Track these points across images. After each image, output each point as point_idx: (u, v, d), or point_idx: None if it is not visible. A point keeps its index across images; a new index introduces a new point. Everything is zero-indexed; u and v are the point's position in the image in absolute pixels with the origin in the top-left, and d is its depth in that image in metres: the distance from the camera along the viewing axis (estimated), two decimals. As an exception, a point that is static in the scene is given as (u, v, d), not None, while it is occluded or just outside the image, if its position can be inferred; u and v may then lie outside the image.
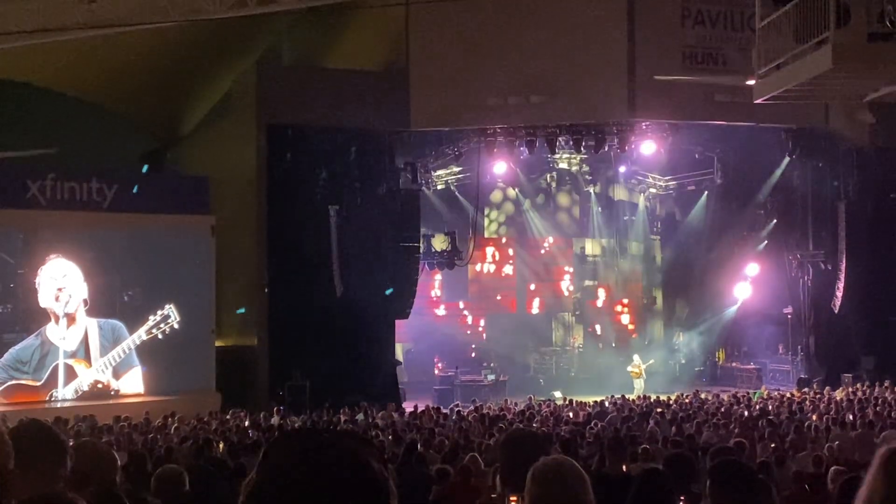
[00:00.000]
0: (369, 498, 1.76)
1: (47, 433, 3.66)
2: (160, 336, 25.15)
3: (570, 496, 3.33)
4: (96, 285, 24.90)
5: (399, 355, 31.15)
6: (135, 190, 25.48)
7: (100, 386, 24.77)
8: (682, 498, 5.81)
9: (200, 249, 26.08)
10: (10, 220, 24.00)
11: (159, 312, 25.18)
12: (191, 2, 19.55)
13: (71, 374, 24.50)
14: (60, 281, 24.29)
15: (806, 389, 26.04)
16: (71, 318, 24.51)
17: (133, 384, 25.15)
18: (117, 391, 24.95)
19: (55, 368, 24.24)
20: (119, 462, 4.27)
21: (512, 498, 3.71)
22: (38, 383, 24.03)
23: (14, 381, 23.75)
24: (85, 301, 24.71)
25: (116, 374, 25.05)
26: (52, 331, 24.28)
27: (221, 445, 14.48)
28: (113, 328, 25.08)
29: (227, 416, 20.81)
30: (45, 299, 24.20)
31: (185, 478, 6.38)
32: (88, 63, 25.10)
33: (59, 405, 23.48)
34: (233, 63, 28.14)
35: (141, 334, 25.08)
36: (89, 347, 24.74)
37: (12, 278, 24.21)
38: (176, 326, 25.24)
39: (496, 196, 35.90)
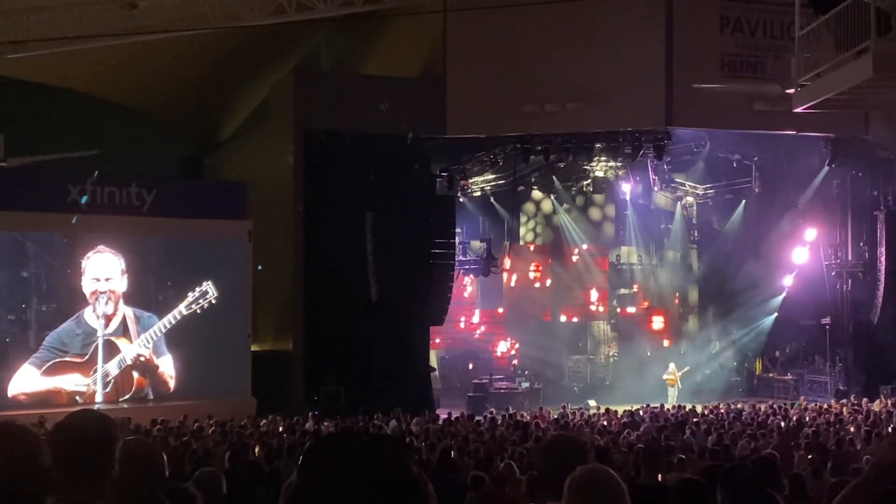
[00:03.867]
0: (409, 501, 1.78)
1: (95, 428, 3.51)
2: (199, 311, 25.44)
3: (609, 505, 3.33)
4: (134, 285, 25.26)
5: (433, 362, 31.17)
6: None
7: (142, 359, 25.18)
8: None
9: (237, 255, 26.27)
10: (51, 223, 24.35)
11: (197, 289, 25.47)
12: (230, 9, 19.75)
13: (114, 349, 24.94)
14: (103, 284, 24.69)
15: (844, 401, 25.76)
16: (109, 318, 24.94)
17: (169, 366, 25.56)
18: (157, 367, 25.36)
19: (97, 346, 24.70)
20: (166, 460, 4.29)
21: (549, 506, 3.70)
22: (83, 360, 24.52)
23: (58, 359, 24.22)
24: (124, 294, 25.13)
25: (155, 352, 25.53)
26: (91, 318, 24.72)
27: (258, 449, 14.56)
28: (149, 319, 25.48)
29: (263, 422, 20.89)
30: (87, 291, 24.69)
31: (222, 480, 6.42)
32: (129, 69, 25.36)
33: (96, 406, 23.75)
34: (271, 70, 28.34)
35: (181, 309, 25.41)
36: (128, 328, 25.19)
37: (56, 279, 24.61)
38: (214, 302, 25.50)
39: (532, 204, 35.88)
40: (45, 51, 20.24)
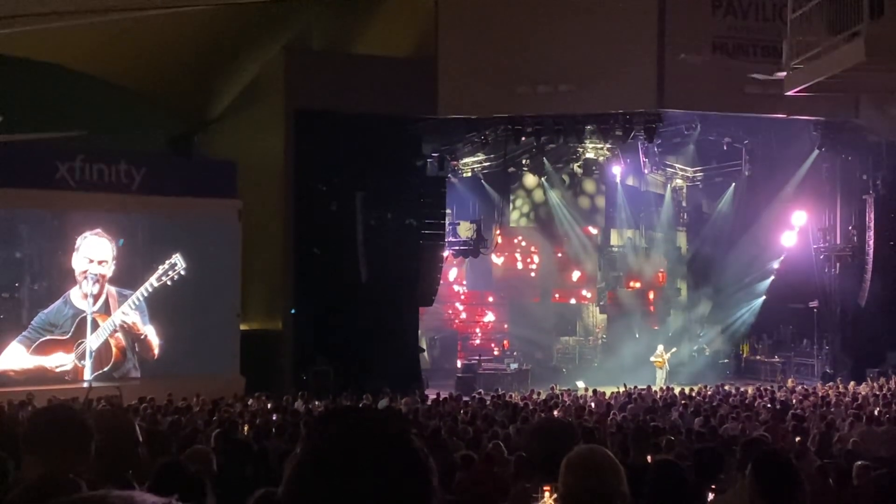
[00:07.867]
0: (413, 474, 1.79)
1: (70, 419, 3.62)
2: (169, 283, 25.40)
3: (605, 486, 3.34)
4: (121, 263, 25.23)
5: (422, 342, 31.21)
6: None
7: (126, 325, 25.23)
8: (712, 487, 5.81)
9: (227, 233, 26.22)
10: (39, 200, 24.28)
11: (167, 262, 25.43)
12: (221, -14, 19.60)
13: (96, 327, 25.05)
14: (95, 266, 24.73)
15: (831, 384, 25.89)
16: (96, 297, 24.94)
17: (153, 333, 25.59)
18: (145, 336, 25.39)
19: (82, 321, 24.74)
20: (139, 434, 4.26)
21: (545, 488, 3.72)
22: (66, 336, 24.60)
23: (46, 338, 24.33)
24: (113, 274, 25.17)
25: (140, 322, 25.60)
26: (78, 298, 24.78)
27: (247, 428, 14.56)
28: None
29: (250, 401, 20.87)
30: (76, 269, 24.75)
31: (213, 458, 6.43)
32: (118, 46, 25.17)
33: (84, 384, 23.76)
34: (262, 48, 28.18)
35: (152, 282, 25.40)
36: (111, 306, 25.23)
37: (47, 259, 24.65)
38: (183, 273, 25.45)
39: (522, 185, 35.85)
40: (35, 27, 20.08)
